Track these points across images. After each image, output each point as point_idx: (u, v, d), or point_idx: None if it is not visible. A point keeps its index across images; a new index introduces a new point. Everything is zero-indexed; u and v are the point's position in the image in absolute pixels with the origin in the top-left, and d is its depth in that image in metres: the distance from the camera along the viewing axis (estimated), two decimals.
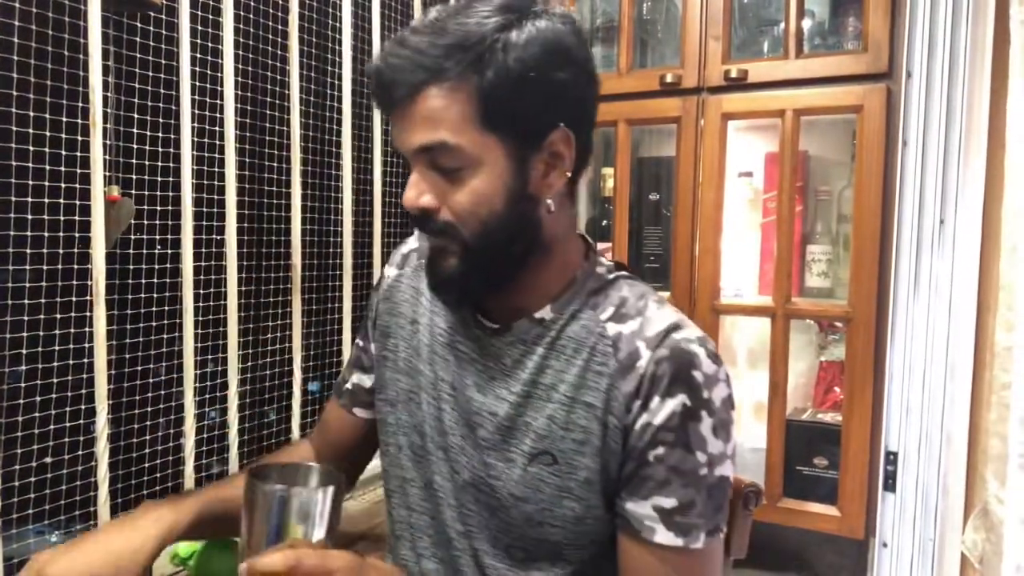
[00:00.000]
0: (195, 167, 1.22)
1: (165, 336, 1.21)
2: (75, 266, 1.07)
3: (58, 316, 1.06)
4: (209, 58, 1.25)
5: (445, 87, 0.74)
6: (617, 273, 0.87)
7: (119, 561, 0.78)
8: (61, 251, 1.06)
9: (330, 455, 1.01)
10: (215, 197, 1.27)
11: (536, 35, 0.74)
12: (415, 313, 0.93)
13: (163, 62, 1.19)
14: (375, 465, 1.02)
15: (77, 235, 1.07)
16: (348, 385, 1.01)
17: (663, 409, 0.76)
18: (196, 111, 1.23)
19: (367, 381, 0.99)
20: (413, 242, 0.98)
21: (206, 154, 1.26)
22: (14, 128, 1.00)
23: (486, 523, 0.84)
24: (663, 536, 0.76)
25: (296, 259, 1.41)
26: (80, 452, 1.08)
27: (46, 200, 1.04)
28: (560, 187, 0.80)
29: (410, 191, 0.77)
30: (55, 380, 1.05)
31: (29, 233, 1.03)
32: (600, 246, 1.66)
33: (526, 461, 0.81)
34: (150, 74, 1.17)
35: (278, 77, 1.39)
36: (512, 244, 0.79)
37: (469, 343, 0.87)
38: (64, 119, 1.05)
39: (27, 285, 1.03)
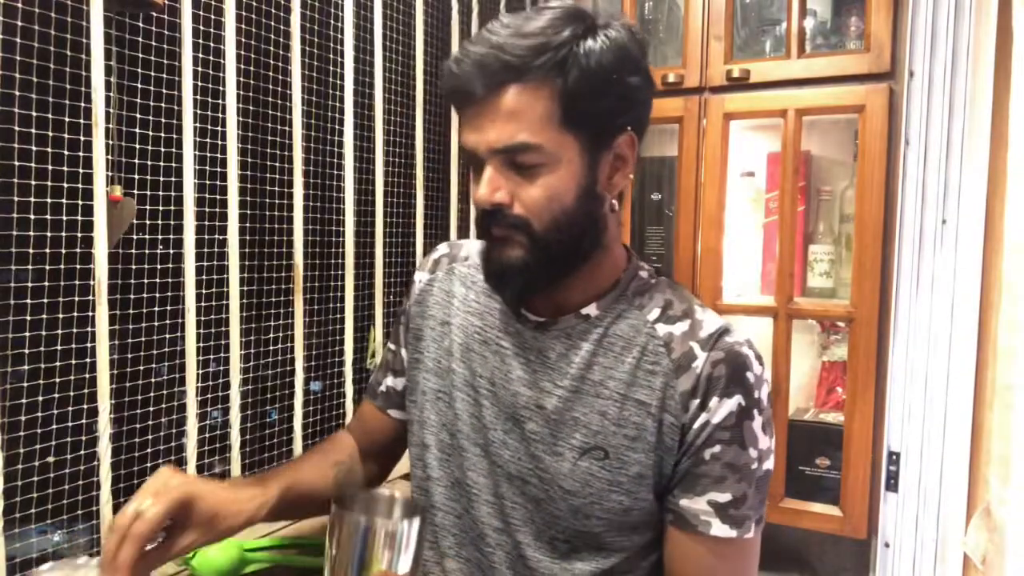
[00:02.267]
0: (197, 167, 1.23)
1: (167, 336, 1.21)
2: (77, 266, 1.08)
3: (60, 316, 1.06)
4: (211, 58, 1.25)
5: (529, 86, 0.77)
6: (659, 278, 0.91)
7: (229, 506, 0.82)
8: (63, 251, 1.06)
9: (368, 447, 1.07)
10: (217, 197, 1.28)
11: (612, 42, 0.79)
12: (446, 315, 0.95)
13: (165, 62, 1.19)
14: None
15: (79, 235, 1.07)
16: (382, 388, 1.05)
17: (721, 408, 0.80)
18: (198, 111, 1.23)
19: (399, 384, 1.03)
20: (444, 248, 1.02)
21: (208, 154, 1.26)
22: (16, 128, 1.00)
23: (531, 516, 0.86)
24: (718, 529, 0.81)
25: (298, 259, 1.41)
26: (82, 452, 1.08)
27: (48, 200, 1.04)
28: (622, 188, 0.85)
29: (484, 188, 0.79)
30: (57, 380, 1.05)
31: (31, 233, 1.03)
32: None
33: (576, 455, 0.83)
34: (152, 74, 1.18)
35: (280, 77, 1.39)
36: (578, 240, 0.82)
37: (509, 338, 0.89)
38: (66, 119, 1.05)
39: (29, 285, 1.03)
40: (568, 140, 0.79)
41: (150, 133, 1.18)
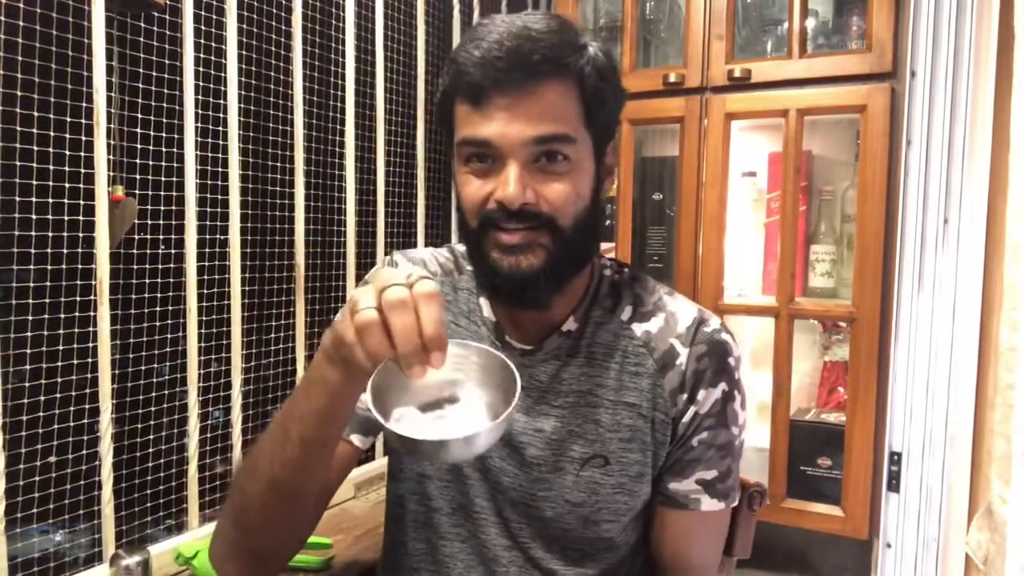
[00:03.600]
0: (199, 167, 1.23)
1: (169, 335, 1.21)
2: (79, 266, 1.08)
3: (62, 316, 1.06)
4: (213, 58, 1.25)
5: (566, 82, 0.77)
6: (619, 272, 0.91)
7: None
8: (65, 251, 1.06)
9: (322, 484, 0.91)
10: (219, 197, 1.28)
11: (605, 50, 0.80)
12: None
13: (167, 62, 1.19)
14: (380, 464, 0.99)
15: (81, 235, 1.08)
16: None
17: (709, 398, 0.84)
18: (200, 111, 1.23)
19: (363, 404, 0.92)
20: (404, 262, 0.95)
21: (209, 154, 1.26)
22: (18, 128, 1.01)
23: (539, 533, 0.86)
24: (708, 504, 0.85)
25: (299, 259, 1.41)
26: (84, 451, 1.08)
27: (50, 200, 1.04)
28: (606, 194, 0.86)
29: (515, 186, 0.75)
30: (59, 379, 1.05)
31: (33, 233, 1.03)
32: (604, 246, 1.66)
33: (578, 467, 0.84)
34: (154, 74, 1.18)
35: (282, 77, 1.39)
36: (589, 244, 0.83)
37: None
38: (68, 119, 1.05)
39: (31, 285, 1.03)
40: (586, 141, 0.79)
41: (152, 133, 1.18)
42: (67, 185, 1.06)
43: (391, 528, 0.96)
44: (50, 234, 1.05)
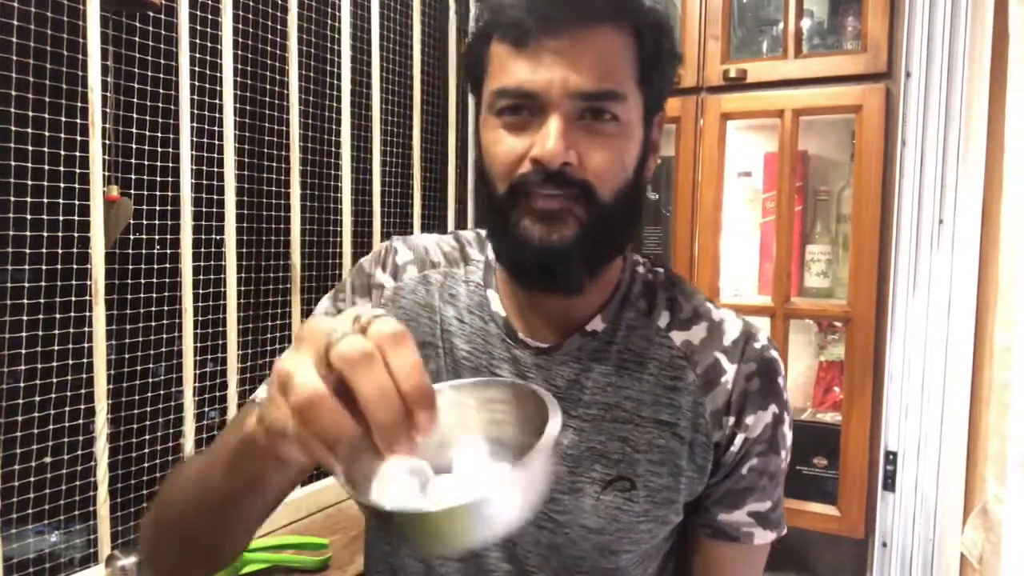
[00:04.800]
0: (194, 167, 1.22)
1: (164, 336, 1.21)
2: (74, 266, 1.07)
3: (57, 316, 1.06)
4: (208, 58, 1.25)
5: (622, 31, 0.67)
6: (653, 272, 0.82)
7: None
8: (60, 251, 1.06)
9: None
10: (214, 197, 1.27)
11: (664, 7, 0.70)
12: (430, 335, 0.79)
13: (162, 62, 1.19)
14: None
15: (76, 235, 1.07)
16: None
17: (759, 423, 0.75)
18: (195, 111, 1.23)
19: None
20: (403, 248, 0.85)
21: (205, 154, 1.26)
22: (13, 128, 1.00)
23: (546, 562, 0.74)
24: (760, 537, 0.77)
25: (295, 258, 1.41)
26: (79, 452, 1.07)
27: (45, 200, 1.04)
28: (650, 173, 0.75)
29: (557, 142, 0.64)
30: (54, 380, 1.05)
31: (28, 233, 1.03)
32: None
33: (599, 489, 0.73)
34: (149, 74, 1.17)
35: (277, 77, 1.39)
36: (630, 224, 0.72)
37: (507, 365, 0.76)
38: (63, 119, 1.05)
39: (26, 285, 1.03)
40: (638, 104, 0.69)
41: (147, 133, 1.18)
42: (62, 185, 1.06)
43: (377, 543, 0.84)
44: (45, 234, 1.04)
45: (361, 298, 0.83)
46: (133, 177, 1.16)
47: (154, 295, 1.19)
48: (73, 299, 1.07)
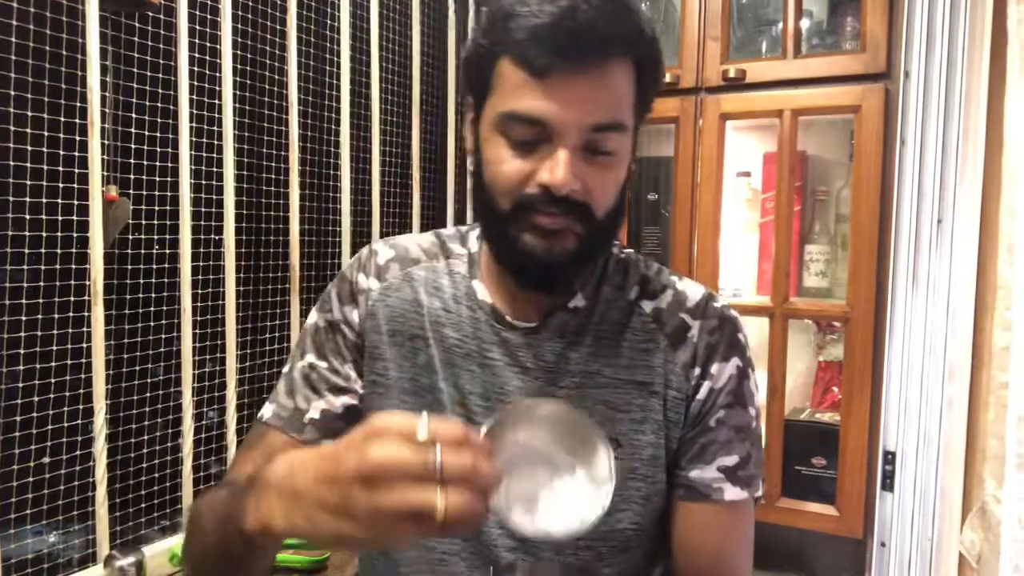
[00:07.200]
0: (193, 167, 1.22)
1: (163, 336, 1.21)
2: (73, 266, 1.07)
3: (56, 316, 1.06)
4: (207, 58, 1.25)
5: (627, 66, 0.71)
6: (628, 252, 0.89)
7: None
8: (59, 251, 1.06)
9: None
10: (213, 197, 1.27)
11: (656, 33, 0.74)
12: (417, 328, 0.83)
13: (161, 62, 1.19)
14: None
15: (75, 235, 1.07)
16: (312, 415, 0.82)
17: (723, 373, 0.81)
18: (194, 111, 1.23)
19: (339, 405, 0.84)
20: (385, 250, 0.88)
21: (204, 154, 1.26)
22: (12, 128, 1.00)
23: None
24: (731, 493, 0.80)
25: (294, 259, 1.41)
26: (78, 452, 1.07)
27: (44, 200, 1.04)
28: (631, 180, 0.81)
29: (566, 172, 0.69)
30: (53, 380, 1.05)
31: (27, 233, 1.03)
32: None
33: None
34: (148, 74, 1.17)
35: (276, 77, 1.39)
36: (617, 228, 0.80)
37: (497, 348, 0.81)
38: (62, 119, 1.05)
39: (25, 285, 1.03)
40: (631, 129, 0.75)
41: (146, 133, 1.18)
42: (61, 185, 1.05)
43: None
44: (44, 234, 1.04)
45: (346, 306, 0.86)
46: (132, 177, 1.16)
47: (153, 295, 1.19)
48: (72, 299, 1.07)
